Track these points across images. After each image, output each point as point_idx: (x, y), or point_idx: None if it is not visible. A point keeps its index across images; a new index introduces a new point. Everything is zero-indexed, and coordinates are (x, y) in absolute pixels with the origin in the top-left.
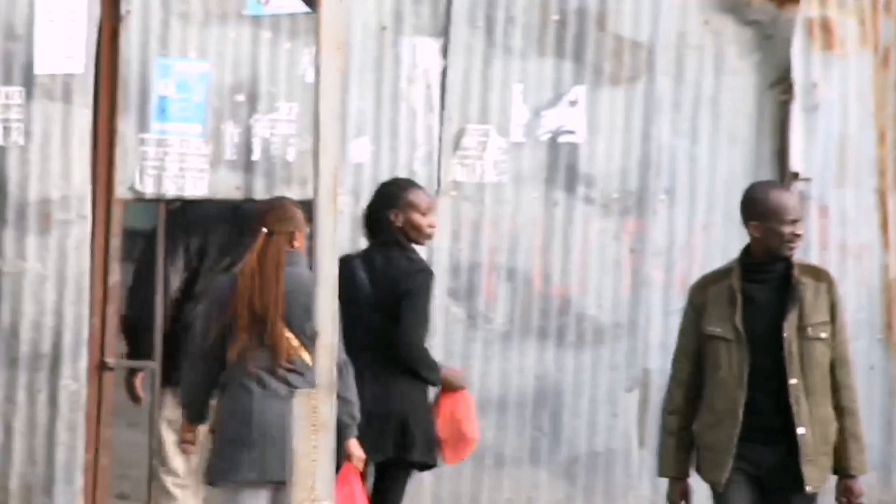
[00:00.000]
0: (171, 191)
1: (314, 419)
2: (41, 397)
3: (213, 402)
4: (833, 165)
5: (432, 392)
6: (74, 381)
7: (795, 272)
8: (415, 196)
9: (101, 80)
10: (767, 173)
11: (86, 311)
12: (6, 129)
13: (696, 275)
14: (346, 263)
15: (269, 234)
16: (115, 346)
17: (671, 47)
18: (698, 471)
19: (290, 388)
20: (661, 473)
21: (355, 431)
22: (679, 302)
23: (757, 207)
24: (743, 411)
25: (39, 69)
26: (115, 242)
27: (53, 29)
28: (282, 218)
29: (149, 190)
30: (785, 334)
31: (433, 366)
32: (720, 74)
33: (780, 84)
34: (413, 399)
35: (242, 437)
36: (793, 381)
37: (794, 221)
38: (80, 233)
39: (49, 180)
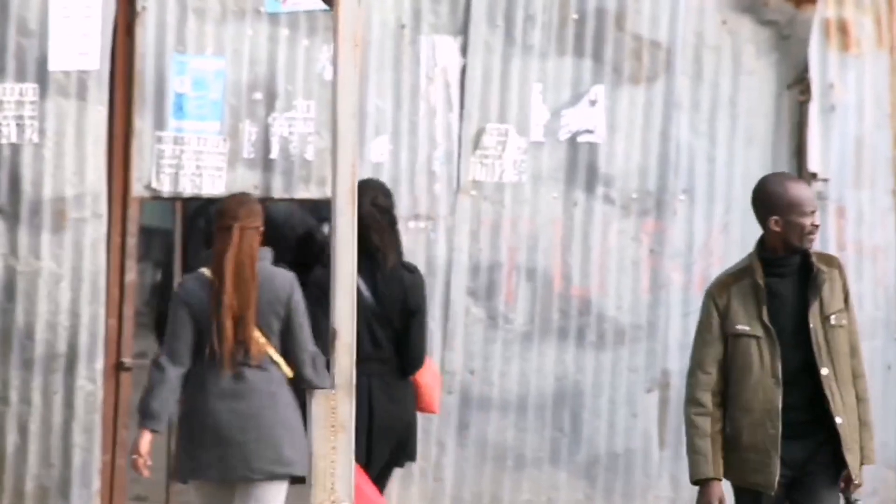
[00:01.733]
0: (188, 189)
1: (332, 420)
2: (57, 398)
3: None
4: (850, 166)
5: None
6: (90, 381)
7: (814, 261)
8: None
9: (116, 77)
10: None
11: (102, 310)
12: (20, 127)
13: (714, 274)
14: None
15: (242, 229)
16: (132, 345)
17: (689, 47)
18: (732, 476)
19: (249, 386)
20: (699, 476)
21: None
22: (698, 302)
23: (776, 201)
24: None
25: (54, 66)
26: (132, 241)
27: (68, 25)
28: (253, 213)
29: (165, 188)
30: (811, 325)
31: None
32: (738, 74)
33: (797, 84)
34: (413, 406)
35: (201, 437)
36: (824, 371)
37: (813, 212)
38: (95, 231)
39: (64, 178)
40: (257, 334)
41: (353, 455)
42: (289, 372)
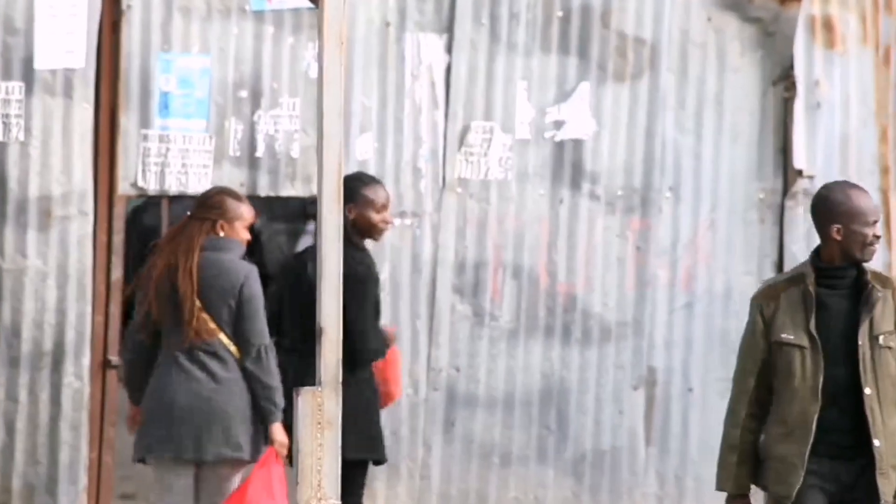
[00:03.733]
0: (174, 187)
1: (319, 416)
2: (43, 396)
3: None
4: (835, 163)
5: None
6: (77, 379)
7: (869, 278)
8: (370, 192)
9: (102, 76)
10: (771, 171)
11: (88, 308)
12: (6, 125)
13: (701, 272)
14: (298, 258)
15: (190, 217)
16: (119, 343)
17: (674, 44)
18: (761, 483)
19: (204, 370)
20: (719, 487)
21: (280, 417)
22: (684, 299)
23: (838, 209)
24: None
25: (40, 64)
26: (118, 239)
27: (54, 23)
28: (205, 205)
29: (151, 186)
30: (860, 342)
31: (383, 351)
32: (723, 71)
33: (782, 81)
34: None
35: (156, 415)
36: (867, 391)
37: (875, 222)
38: (81, 229)
39: (50, 176)
40: (206, 318)
41: (339, 452)
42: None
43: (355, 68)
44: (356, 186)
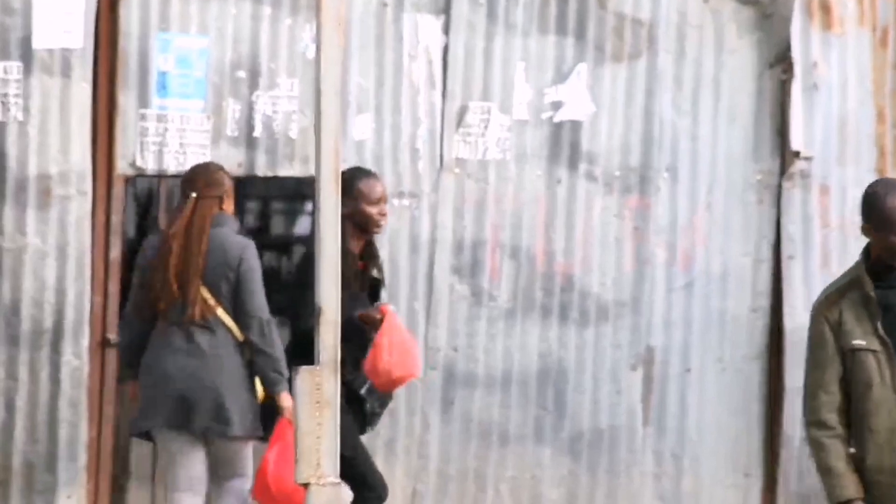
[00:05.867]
0: (171, 167)
1: (318, 396)
2: (43, 375)
3: None
4: (833, 144)
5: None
6: (76, 357)
7: None
8: (364, 185)
9: (100, 55)
10: (768, 152)
11: (87, 287)
12: (4, 105)
13: (698, 252)
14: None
15: (199, 198)
16: (117, 322)
17: (672, 25)
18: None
19: (197, 345)
20: (842, 499)
21: (286, 386)
22: (681, 279)
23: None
24: None
25: (38, 44)
26: (116, 218)
27: (52, 3)
28: (211, 183)
29: (149, 166)
30: None
31: None
32: (721, 53)
33: (780, 63)
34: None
35: (150, 390)
36: None
37: None
38: (80, 208)
39: (48, 156)
40: (206, 295)
41: (338, 431)
42: (240, 336)
43: (353, 49)
44: (350, 181)
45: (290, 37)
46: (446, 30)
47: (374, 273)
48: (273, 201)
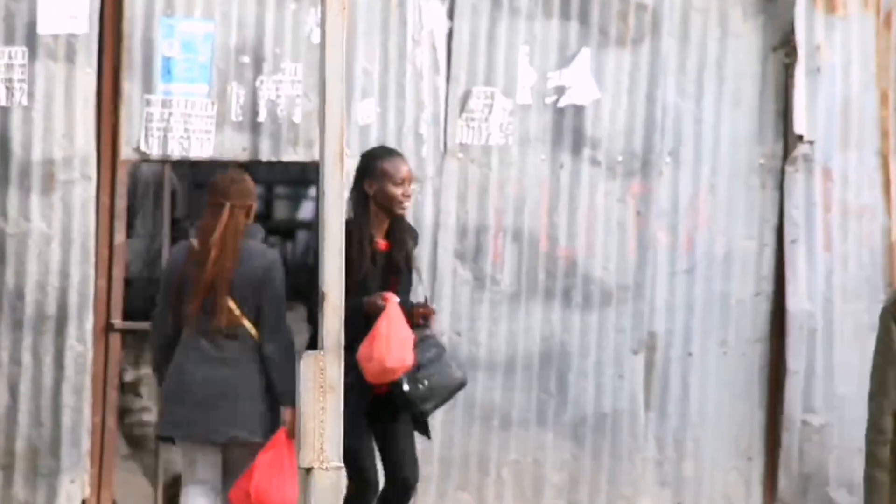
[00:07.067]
0: (176, 152)
1: (321, 381)
2: (47, 359)
3: None
4: (836, 128)
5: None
6: (80, 342)
7: None
8: (389, 165)
9: (105, 41)
10: (771, 136)
11: (91, 272)
12: (10, 90)
13: (701, 236)
14: None
15: (232, 207)
16: (122, 307)
17: (676, 9)
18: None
19: (222, 353)
20: None
21: (293, 401)
22: (684, 263)
23: None
24: None
25: (43, 29)
26: (121, 203)
27: None
28: (244, 192)
29: (154, 151)
30: None
31: None
32: (724, 37)
33: (783, 46)
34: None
35: (174, 397)
36: None
37: None
38: (84, 193)
39: (53, 140)
40: (231, 305)
41: (341, 416)
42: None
43: (357, 33)
44: (373, 161)
45: (294, 21)
46: (451, 14)
47: (396, 255)
48: (277, 186)
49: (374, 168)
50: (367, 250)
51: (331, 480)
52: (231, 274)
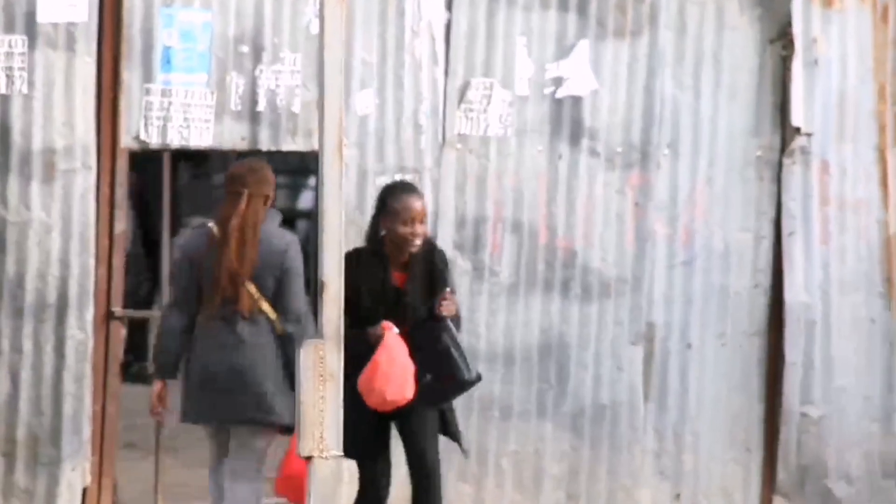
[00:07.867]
0: (175, 141)
1: (321, 369)
2: (47, 348)
3: None
4: (833, 121)
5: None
6: (81, 331)
7: None
8: (397, 202)
9: (104, 29)
10: (769, 128)
11: (92, 260)
12: (9, 78)
13: (699, 228)
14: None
15: (251, 195)
16: (122, 295)
17: (673, 1)
18: None
19: (241, 337)
20: None
21: None
22: (682, 255)
23: None
24: None
25: (42, 17)
26: (121, 192)
27: None
28: (261, 180)
29: (153, 140)
30: None
31: None
32: (722, 29)
33: (780, 39)
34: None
35: (199, 383)
36: None
37: None
38: (85, 182)
39: (53, 129)
40: (252, 290)
41: (341, 405)
42: (281, 329)
43: (356, 24)
44: (386, 198)
45: (293, 11)
46: (449, 5)
47: (410, 292)
48: (276, 176)
49: (385, 206)
50: (378, 279)
51: (330, 469)
52: (253, 263)
